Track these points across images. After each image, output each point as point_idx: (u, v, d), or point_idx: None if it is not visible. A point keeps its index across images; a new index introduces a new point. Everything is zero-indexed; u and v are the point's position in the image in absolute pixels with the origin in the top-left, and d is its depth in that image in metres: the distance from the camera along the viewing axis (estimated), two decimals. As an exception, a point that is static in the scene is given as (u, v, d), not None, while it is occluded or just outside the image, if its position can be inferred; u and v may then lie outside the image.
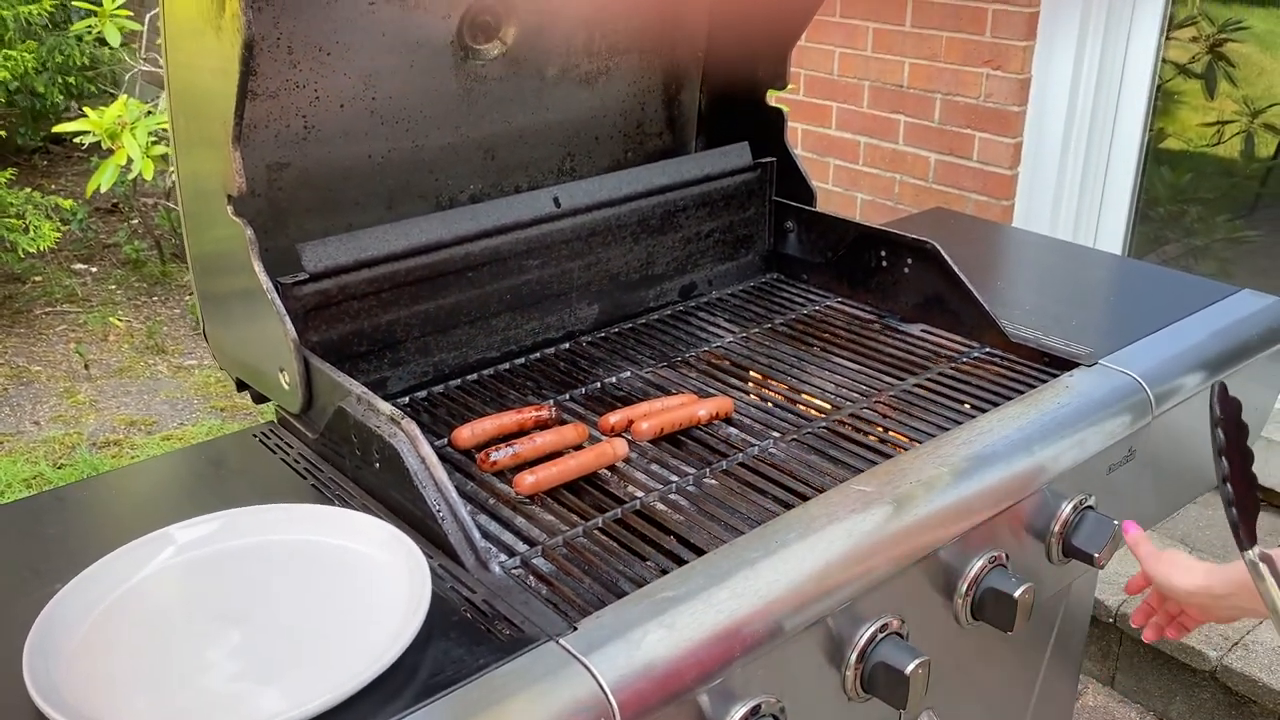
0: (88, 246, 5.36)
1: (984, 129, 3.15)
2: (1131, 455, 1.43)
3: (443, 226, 1.45)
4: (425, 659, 0.94)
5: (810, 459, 1.29)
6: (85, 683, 0.91)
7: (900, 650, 1.12)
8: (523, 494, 1.21)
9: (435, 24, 1.42)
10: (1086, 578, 1.55)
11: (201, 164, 1.25)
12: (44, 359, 4.32)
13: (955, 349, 1.55)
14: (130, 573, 1.02)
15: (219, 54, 1.11)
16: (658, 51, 1.72)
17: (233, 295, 1.31)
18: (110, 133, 4.16)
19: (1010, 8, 2.99)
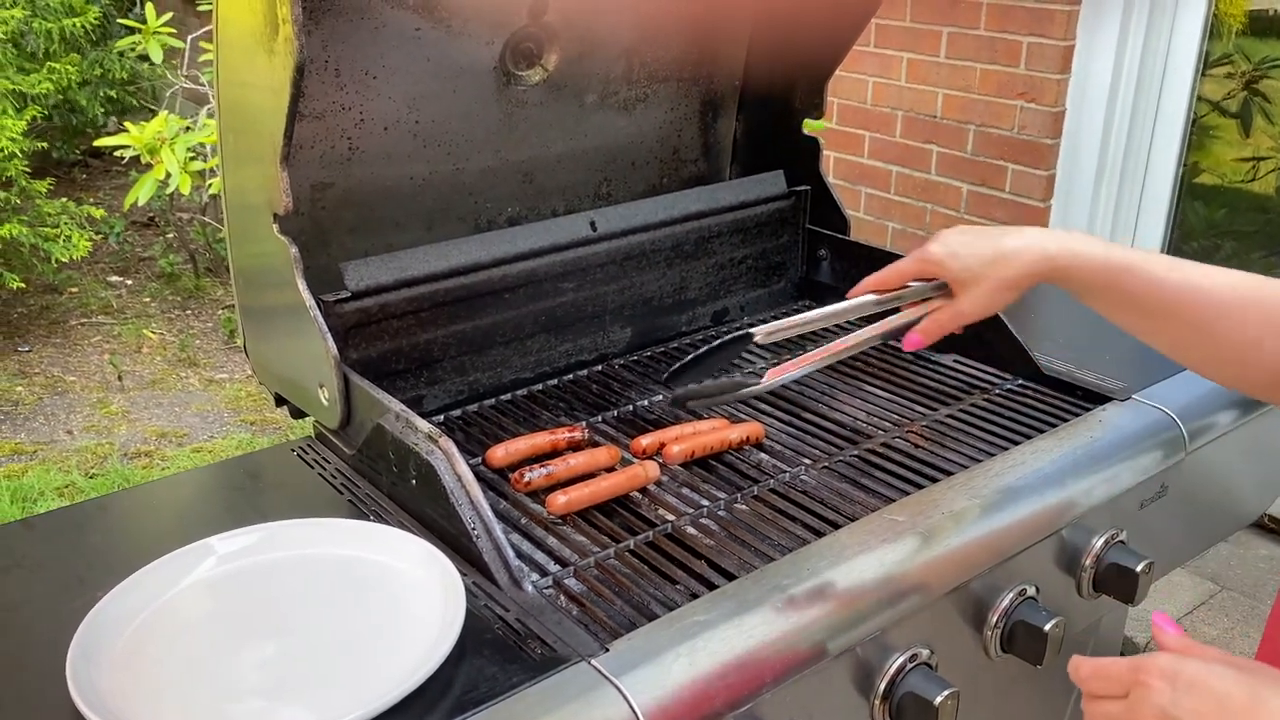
0: (123, 259, 5.44)
1: (1017, 161, 3.15)
2: (1164, 491, 1.43)
3: (481, 248, 1.47)
4: (459, 675, 0.95)
5: (841, 487, 1.29)
6: (126, 689, 0.92)
7: (929, 681, 1.12)
8: (555, 514, 1.22)
9: (479, 50, 1.45)
10: (1116, 614, 1.55)
11: (248, 180, 1.28)
12: (78, 369, 4.38)
13: (988, 380, 1.55)
14: (172, 582, 1.04)
15: (270, 75, 1.14)
16: (695, 79, 1.75)
17: (274, 310, 1.33)
18: (150, 148, 4.23)
19: (1045, 40, 3.00)
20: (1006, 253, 1.13)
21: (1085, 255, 1.09)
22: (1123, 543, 1.34)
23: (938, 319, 1.20)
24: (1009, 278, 1.13)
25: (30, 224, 4.41)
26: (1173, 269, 1.06)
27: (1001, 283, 1.14)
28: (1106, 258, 1.09)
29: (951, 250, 1.17)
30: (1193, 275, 1.06)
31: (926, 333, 1.21)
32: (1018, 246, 1.13)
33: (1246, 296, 1.02)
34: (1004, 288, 1.14)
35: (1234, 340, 1.03)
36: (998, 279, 1.14)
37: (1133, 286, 1.07)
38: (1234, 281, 1.04)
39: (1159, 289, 1.06)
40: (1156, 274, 1.06)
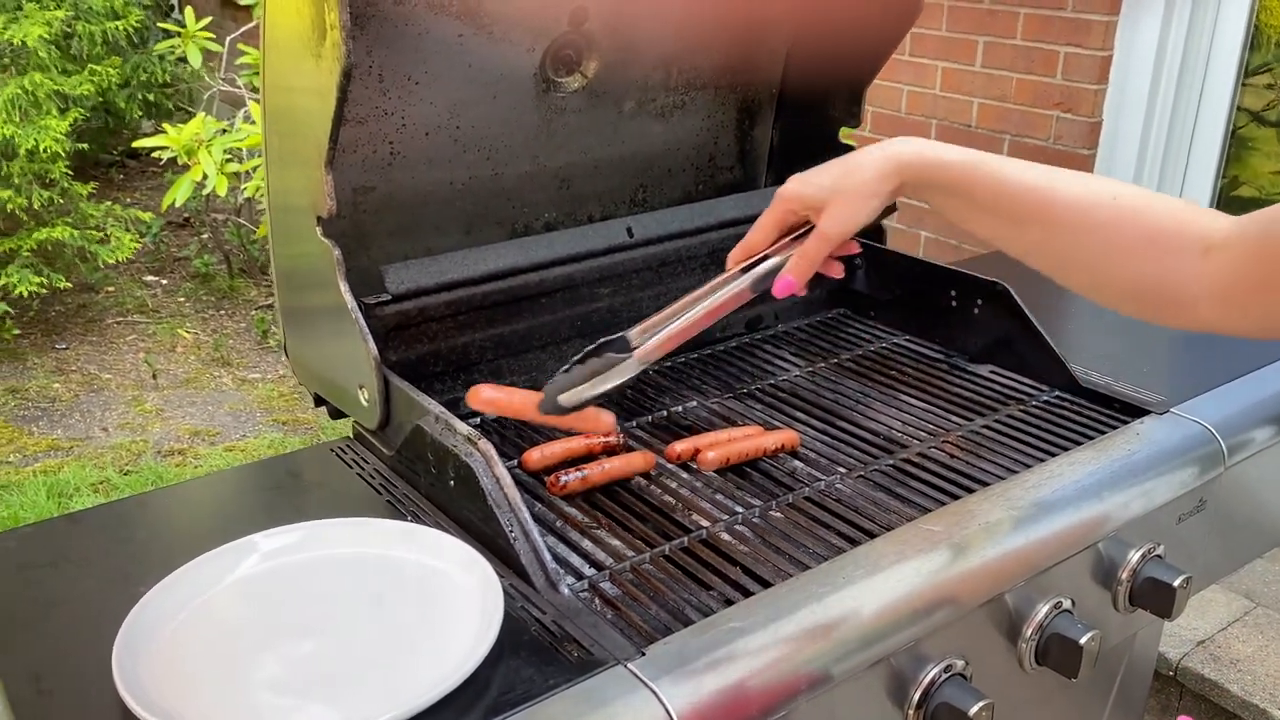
0: (159, 259, 5.51)
1: (1052, 171, 3.14)
2: (1202, 506, 1.42)
3: (519, 253, 1.48)
4: (497, 676, 0.96)
5: (877, 496, 1.29)
6: (169, 683, 0.94)
7: (964, 692, 1.11)
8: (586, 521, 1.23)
9: (520, 56, 1.46)
10: (1152, 628, 1.53)
11: (292, 183, 1.29)
12: (114, 367, 4.44)
13: (1024, 392, 1.54)
14: (216, 578, 1.06)
15: (317, 79, 1.16)
16: (733, 87, 1.75)
17: (316, 312, 1.35)
18: (187, 149, 4.29)
19: (1082, 50, 2.98)
20: (857, 162, 1.09)
21: (937, 152, 1.06)
22: (1160, 557, 1.33)
23: (804, 251, 1.12)
24: (865, 183, 1.08)
25: (75, 226, 4.48)
26: (1030, 169, 1.03)
27: (856, 193, 1.09)
28: (950, 155, 1.06)
29: (802, 180, 1.12)
30: (1062, 179, 1.02)
31: (796, 270, 1.13)
32: (869, 154, 1.09)
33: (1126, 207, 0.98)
34: (861, 197, 1.09)
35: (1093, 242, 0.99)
36: (852, 190, 1.09)
37: (991, 186, 1.03)
38: (1116, 190, 1.00)
39: (1017, 188, 1.02)
40: (1010, 172, 1.02)
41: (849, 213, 1.09)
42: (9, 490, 3.48)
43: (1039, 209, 1.01)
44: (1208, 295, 0.95)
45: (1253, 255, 0.91)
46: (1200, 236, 0.95)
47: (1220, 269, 0.93)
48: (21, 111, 4.23)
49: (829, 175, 1.10)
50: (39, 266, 4.39)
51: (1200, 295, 0.95)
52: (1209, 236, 0.95)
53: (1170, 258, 0.96)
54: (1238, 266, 0.92)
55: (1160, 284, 0.97)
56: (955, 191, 1.06)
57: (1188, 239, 0.96)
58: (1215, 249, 0.94)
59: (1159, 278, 0.97)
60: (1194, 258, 0.95)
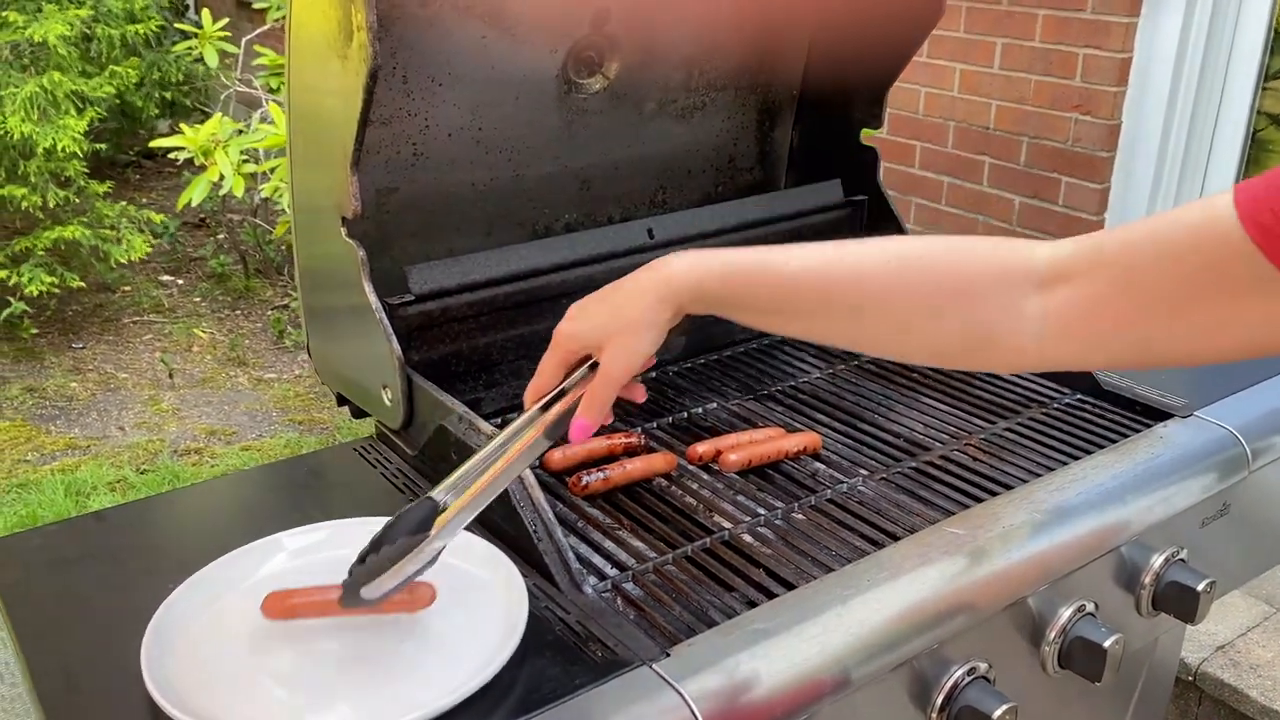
0: (175, 259, 5.53)
1: (1071, 174, 3.13)
2: (1226, 510, 1.41)
3: (540, 254, 1.48)
4: (522, 676, 0.96)
5: (899, 498, 1.29)
6: (196, 679, 0.94)
7: (987, 695, 1.11)
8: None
9: (543, 58, 1.46)
10: (1174, 633, 1.53)
11: (316, 183, 1.30)
12: (131, 367, 4.46)
13: (1046, 395, 1.54)
14: (242, 576, 1.06)
15: (342, 81, 1.16)
16: (753, 88, 1.75)
17: (339, 312, 1.35)
18: (203, 149, 4.31)
19: (1102, 52, 2.97)
20: (627, 294, 1.01)
21: (696, 268, 0.98)
22: (1183, 561, 1.33)
23: (592, 392, 1.03)
24: (637, 318, 1.00)
25: (90, 225, 4.50)
26: (808, 255, 0.95)
27: (632, 328, 1.00)
28: (717, 265, 0.98)
29: (574, 319, 1.05)
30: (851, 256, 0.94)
31: (588, 412, 1.03)
32: (638, 282, 1.01)
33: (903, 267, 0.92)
34: (637, 331, 1.00)
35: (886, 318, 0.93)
36: (626, 326, 1.00)
37: (763, 285, 0.97)
38: (885, 251, 0.93)
39: (793, 281, 0.95)
40: (785, 267, 0.95)
41: (628, 350, 1.01)
42: (27, 488, 3.50)
43: (820, 296, 0.95)
44: (1056, 333, 0.87)
45: (1117, 285, 0.84)
46: (1026, 274, 0.88)
47: (1070, 302, 0.86)
48: (40, 110, 4.25)
49: (601, 314, 1.03)
50: (52, 266, 4.41)
51: (1045, 334, 0.88)
52: (1038, 270, 0.87)
53: (989, 304, 0.89)
54: (1094, 297, 0.85)
55: (986, 333, 0.90)
56: (736, 303, 0.99)
57: (1009, 279, 0.88)
58: (1057, 281, 0.87)
59: (982, 327, 0.90)
60: (1023, 297, 0.88)
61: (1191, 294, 0.81)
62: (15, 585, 1.10)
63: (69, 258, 4.54)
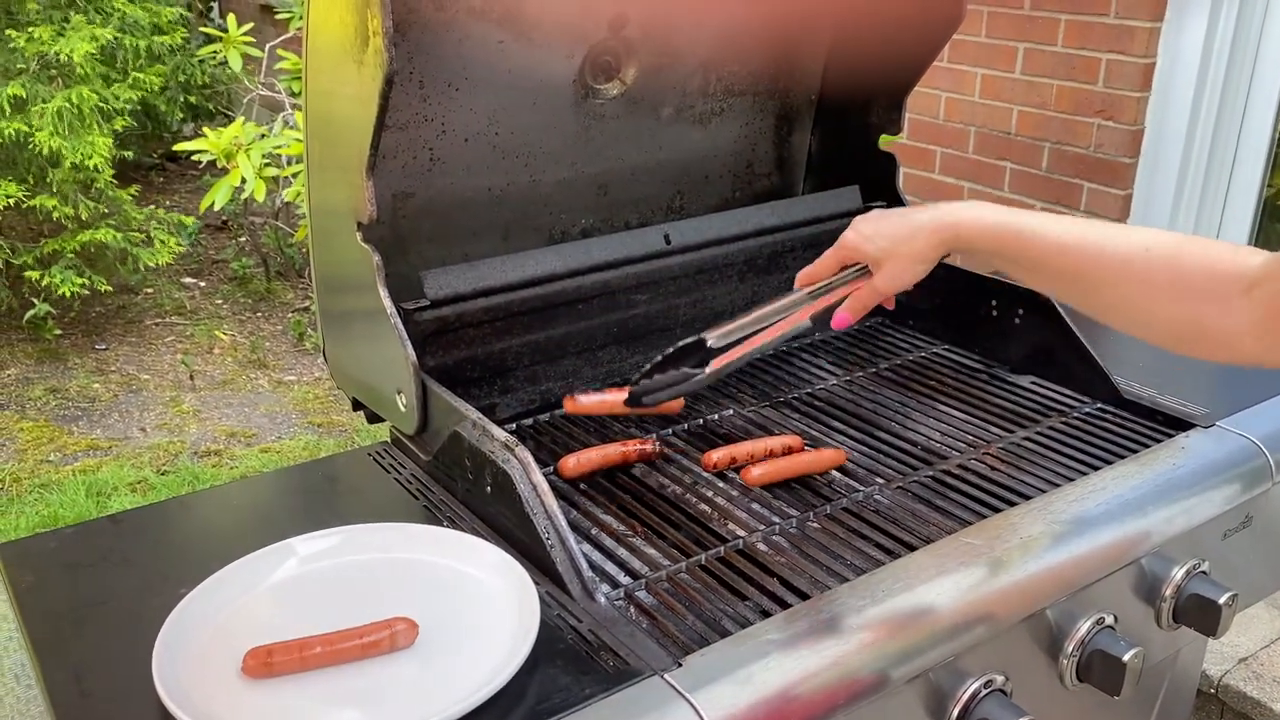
0: (197, 261, 5.57)
1: (1093, 179, 3.10)
2: (1248, 522, 1.39)
3: (556, 259, 1.48)
4: (533, 684, 0.95)
5: (916, 508, 1.28)
6: (208, 684, 0.94)
7: (1004, 708, 1.10)
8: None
9: (559, 63, 1.46)
10: (1195, 646, 1.51)
11: (332, 188, 1.30)
12: (152, 368, 4.49)
13: (1066, 403, 1.52)
14: (254, 581, 1.06)
15: (359, 86, 1.16)
16: (771, 93, 1.74)
17: (354, 316, 1.35)
18: (226, 153, 4.34)
19: (1125, 58, 2.95)
20: (913, 228, 1.19)
21: (979, 220, 1.15)
22: (1205, 573, 1.31)
23: (859, 296, 1.25)
24: (917, 251, 1.19)
25: (118, 228, 4.53)
26: (1070, 229, 1.10)
27: (910, 257, 1.19)
28: (998, 221, 1.13)
29: (864, 234, 1.23)
30: (1092, 234, 1.09)
31: (852, 310, 1.26)
32: (923, 220, 1.18)
33: (1157, 257, 1.04)
34: (914, 261, 1.20)
35: (1133, 293, 1.06)
36: (907, 254, 1.19)
37: (1027, 248, 1.12)
38: (1148, 242, 1.06)
39: (1056, 249, 1.10)
40: (1051, 235, 1.10)
41: (901, 274, 1.21)
42: (49, 489, 3.52)
43: (1080, 266, 1.09)
44: (1250, 330, 0.99)
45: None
46: (1237, 276, 1.00)
47: (1261, 303, 0.98)
48: (68, 124, 4.29)
49: (887, 236, 1.21)
50: (81, 268, 4.45)
51: (1242, 331, 1.00)
52: (1246, 275, 0.99)
53: (1203, 300, 1.02)
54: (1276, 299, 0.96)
55: (1197, 325, 1.03)
56: (1003, 255, 1.15)
57: (1222, 280, 1.01)
58: (1257, 285, 0.98)
59: (1194, 319, 1.03)
60: (1231, 297, 1.00)
61: None
62: (30, 588, 1.11)
63: (97, 260, 4.56)
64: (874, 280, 1.23)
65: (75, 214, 4.34)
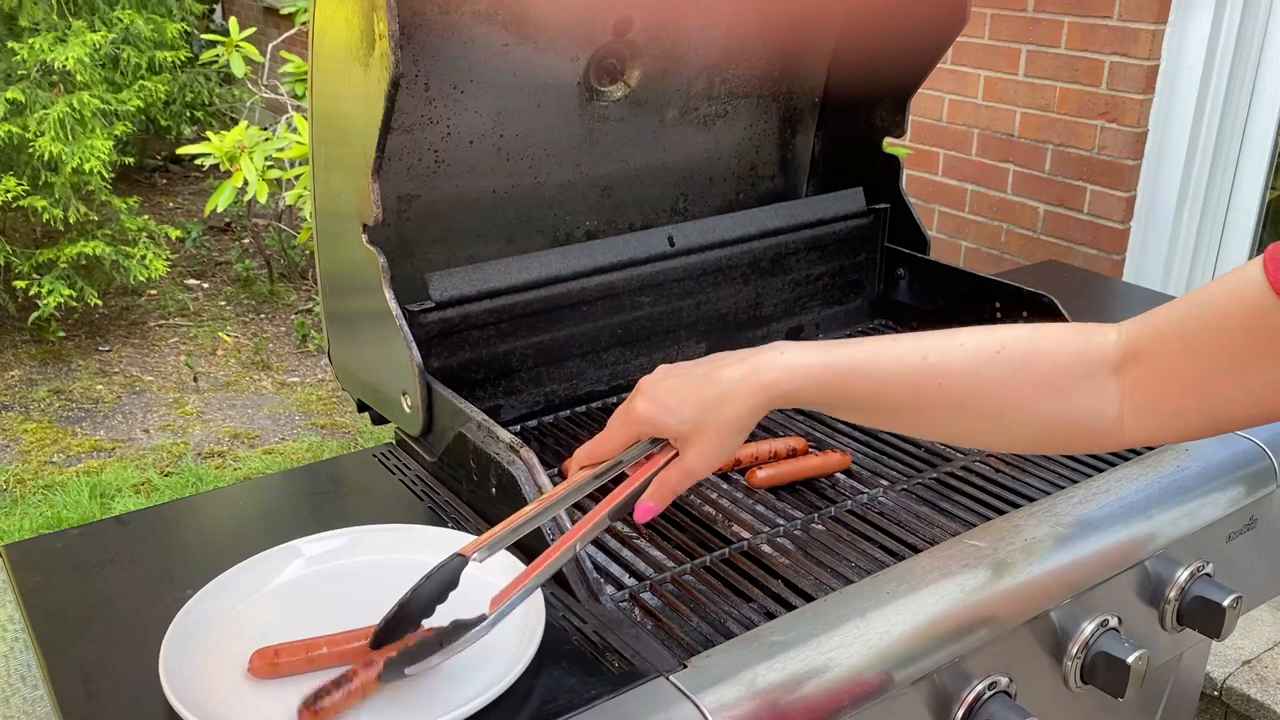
0: (201, 263, 5.58)
1: (1096, 181, 3.10)
2: (1253, 524, 1.39)
3: (561, 261, 1.48)
4: (538, 686, 0.96)
5: (920, 510, 1.28)
6: (215, 686, 0.95)
7: (1008, 710, 1.10)
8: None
9: (564, 66, 1.46)
10: (1199, 648, 1.51)
11: (338, 190, 1.30)
12: (156, 370, 4.50)
13: (1069, 405, 1.52)
14: (261, 582, 1.07)
15: (365, 88, 1.17)
16: (775, 96, 1.75)
17: (360, 318, 1.36)
18: (230, 156, 4.34)
19: (1129, 60, 2.95)
20: (722, 392, 0.98)
21: (794, 367, 0.97)
22: (1209, 575, 1.31)
23: (666, 480, 1.01)
24: (734, 419, 0.98)
25: (112, 241, 4.53)
26: (903, 353, 0.96)
27: (727, 427, 0.98)
28: (814, 364, 0.96)
29: (662, 404, 1.00)
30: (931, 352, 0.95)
31: (658, 497, 1.02)
32: (733, 381, 0.98)
33: (1013, 356, 0.93)
34: (730, 432, 0.98)
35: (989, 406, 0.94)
36: (721, 424, 0.98)
37: (856, 386, 0.97)
38: (984, 342, 0.94)
39: (896, 377, 0.95)
40: (883, 363, 0.96)
41: (717, 451, 1.00)
42: (52, 490, 3.53)
43: (926, 391, 0.95)
44: (1133, 412, 0.90)
45: (1177, 356, 0.87)
46: (1101, 358, 0.90)
47: (1142, 381, 0.89)
48: (69, 130, 4.30)
49: (692, 405, 0.99)
50: (73, 279, 4.44)
51: (1124, 414, 0.91)
52: (1110, 353, 0.90)
53: (1074, 391, 0.91)
54: (1163, 372, 0.88)
55: (1070, 421, 0.92)
56: (832, 404, 1.00)
57: (1089, 365, 0.91)
58: (1127, 362, 0.90)
59: (1068, 414, 0.92)
60: (1103, 381, 0.91)
61: (1242, 359, 0.83)
62: (37, 589, 1.11)
63: (92, 270, 4.57)
64: (684, 462, 1.00)
65: (67, 219, 4.34)
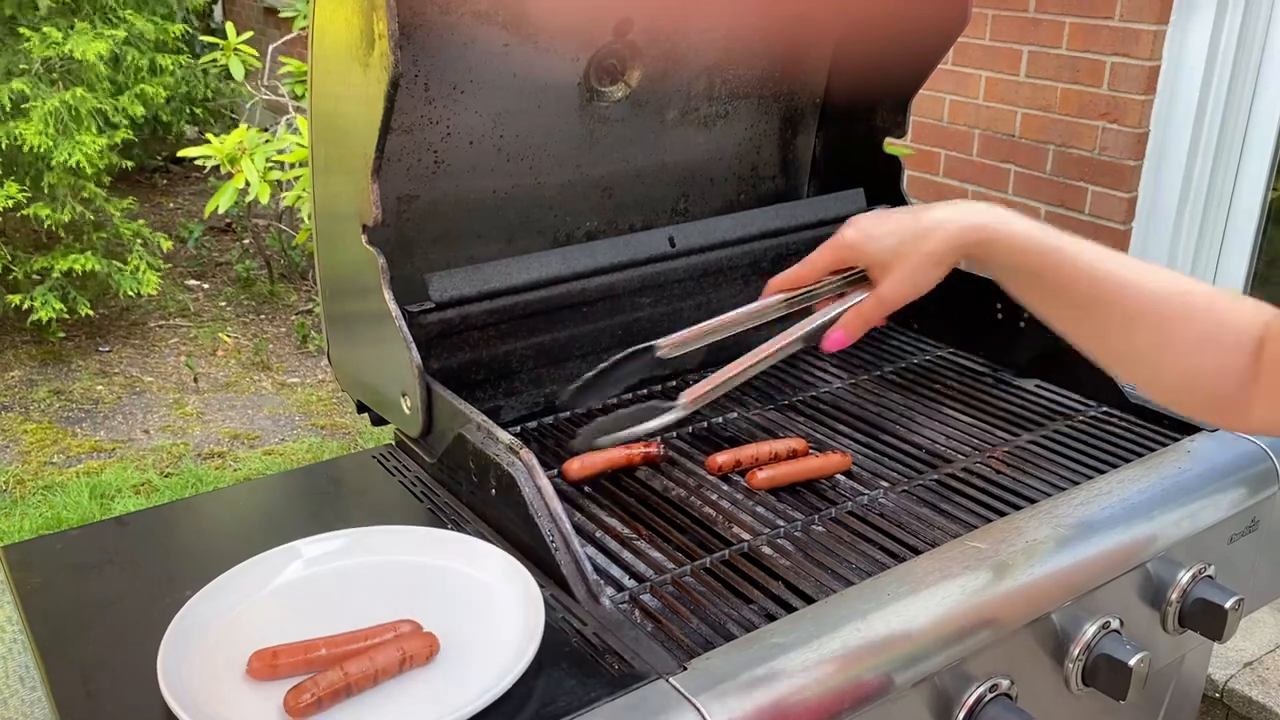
0: (201, 264, 5.58)
1: (1097, 182, 3.10)
2: (1255, 526, 1.39)
3: (561, 262, 1.48)
4: (537, 687, 0.95)
5: (921, 511, 1.27)
6: (213, 687, 0.94)
7: (1009, 712, 1.10)
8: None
9: (564, 66, 1.46)
10: (1201, 650, 1.50)
11: (337, 190, 1.30)
12: (156, 370, 4.50)
13: (1071, 407, 1.52)
14: (260, 584, 1.06)
15: (364, 88, 1.16)
16: (776, 96, 1.74)
17: (359, 319, 1.36)
18: (230, 157, 4.34)
19: (1130, 60, 2.94)
20: (927, 226, 1.02)
21: (1011, 228, 1.00)
22: (1211, 578, 1.31)
23: (860, 310, 1.07)
24: (932, 252, 1.02)
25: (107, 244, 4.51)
26: (1107, 259, 0.98)
27: (925, 259, 1.02)
28: (1029, 234, 0.99)
29: (866, 233, 1.05)
30: (1131, 269, 0.97)
31: (849, 327, 1.07)
32: (939, 218, 1.02)
33: (1194, 306, 0.94)
34: (928, 264, 1.02)
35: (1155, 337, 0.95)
36: (920, 255, 1.02)
37: (1061, 270, 0.99)
38: (1185, 288, 0.96)
39: (1090, 277, 0.97)
40: (1088, 260, 0.98)
41: (913, 282, 1.04)
42: (53, 491, 3.53)
43: (1109, 298, 0.97)
44: (1265, 398, 0.90)
45: None
46: (1251, 336, 0.90)
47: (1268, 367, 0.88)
48: (61, 125, 4.28)
49: (895, 236, 1.04)
50: (66, 290, 4.43)
51: (1254, 397, 0.90)
52: (1256, 333, 0.90)
53: (1224, 356, 0.91)
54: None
55: (1214, 382, 0.93)
56: (1022, 271, 1.02)
57: (1239, 337, 0.91)
58: (1268, 344, 0.89)
59: (1213, 376, 0.92)
60: (1246, 357, 0.90)
61: None
62: (36, 590, 1.11)
63: (88, 280, 4.55)
64: (880, 289, 1.05)
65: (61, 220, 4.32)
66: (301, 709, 0.90)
